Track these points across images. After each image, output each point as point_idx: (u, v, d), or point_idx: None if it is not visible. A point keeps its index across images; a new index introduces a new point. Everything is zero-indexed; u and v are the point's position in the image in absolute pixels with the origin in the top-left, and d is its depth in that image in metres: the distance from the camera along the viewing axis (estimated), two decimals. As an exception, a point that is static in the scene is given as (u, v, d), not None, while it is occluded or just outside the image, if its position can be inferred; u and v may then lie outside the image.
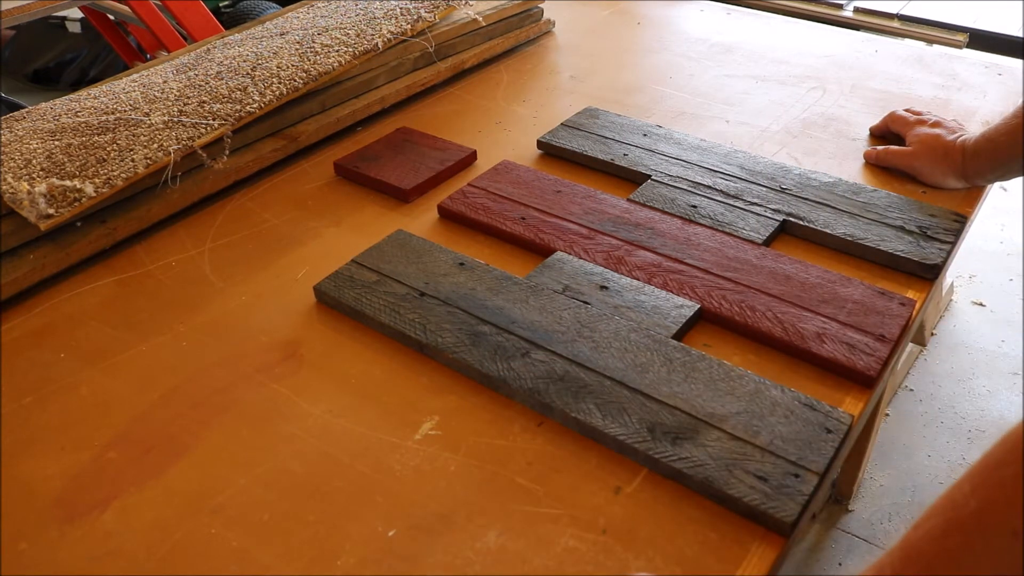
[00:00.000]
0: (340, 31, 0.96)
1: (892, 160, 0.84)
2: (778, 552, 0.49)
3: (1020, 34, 1.45)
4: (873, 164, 0.86)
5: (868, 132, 0.92)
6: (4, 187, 0.71)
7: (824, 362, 0.61)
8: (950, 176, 0.80)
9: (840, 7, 1.62)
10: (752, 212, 0.77)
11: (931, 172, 0.81)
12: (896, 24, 1.58)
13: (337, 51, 0.92)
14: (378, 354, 0.64)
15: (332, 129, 0.93)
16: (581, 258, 0.71)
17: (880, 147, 0.86)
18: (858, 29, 1.55)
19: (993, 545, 0.35)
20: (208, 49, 0.97)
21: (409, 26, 0.99)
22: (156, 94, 0.85)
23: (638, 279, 0.69)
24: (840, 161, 0.87)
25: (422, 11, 1.01)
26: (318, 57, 0.91)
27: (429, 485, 0.53)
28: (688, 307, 0.65)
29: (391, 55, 0.99)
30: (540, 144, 0.90)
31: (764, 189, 0.80)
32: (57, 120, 0.82)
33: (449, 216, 0.79)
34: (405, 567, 0.49)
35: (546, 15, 1.20)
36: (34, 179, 0.72)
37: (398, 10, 1.01)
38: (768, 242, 0.74)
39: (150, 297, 0.71)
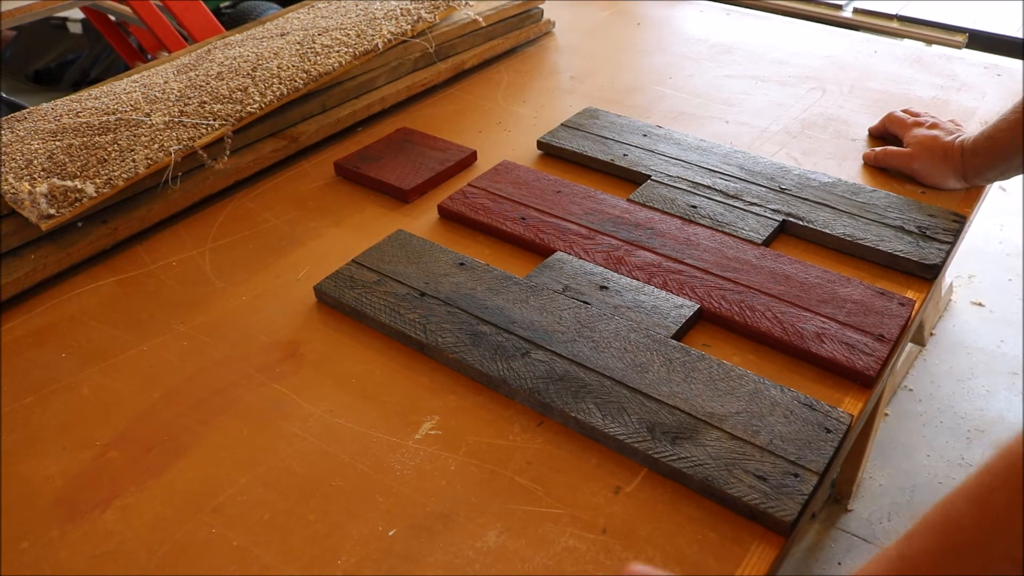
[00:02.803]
0: (340, 32, 0.96)
1: (891, 161, 0.84)
2: (778, 552, 0.49)
3: (1019, 34, 1.45)
4: (872, 166, 0.86)
5: (867, 133, 0.92)
6: (5, 187, 0.71)
7: (823, 362, 0.61)
8: (950, 176, 0.80)
9: (839, 7, 1.62)
10: (752, 212, 0.77)
11: (930, 173, 0.81)
12: (895, 24, 1.58)
13: (337, 52, 0.92)
14: (378, 354, 0.64)
15: (332, 129, 0.93)
16: (581, 258, 0.71)
17: (879, 148, 0.86)
18: (857, 29, 1.55)
19: (992, 571, 0.35)
20: (209, 50, 0.97)
21: (409, 27, 0.99)
22: (157, 94, 0.85)
23: (638, 279, 0.69)
24: (839, 161, 0.88)
25: (422, 12, 1.01)
26: (319, 58, 0.91)
27: (429, 485, 0.53)
28: (688, 307, 0.65)
29: (391, 55, 0.99)
30: (540, 144, 0.90)
31: (763, 189, 0.80)
32: (58, 120, 0.82)
33: (449, 216, 0.79)
34: (405, 567, 0.49)
35: (546, 15, 1.20)
36: (35, 179, 0.72)
37: (398, 11, 1.01)
38: (768, 242, 0.74)
39: (151, 297, 0.71)
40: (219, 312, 0.69)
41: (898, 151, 0.84)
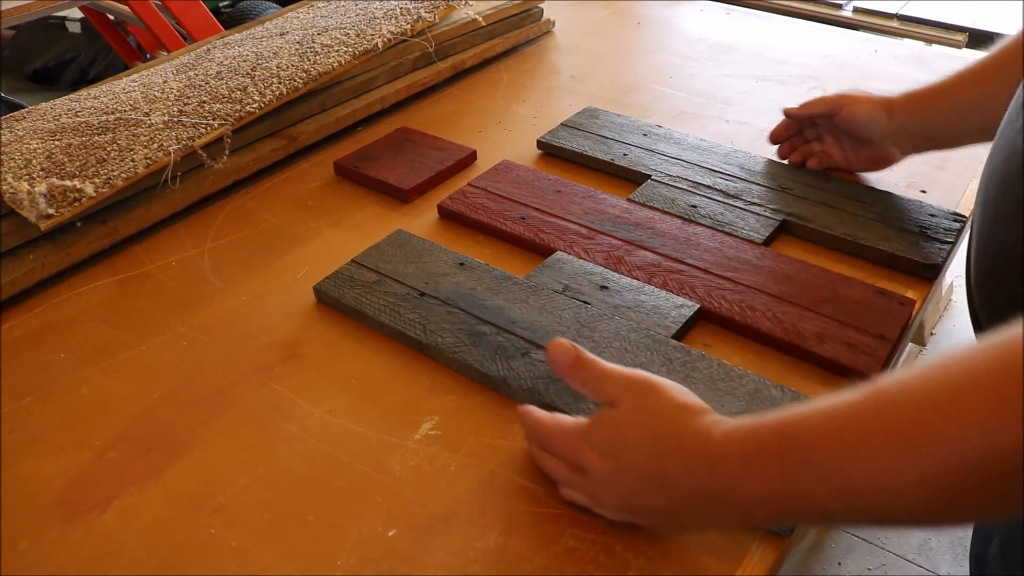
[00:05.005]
0: (340, 31, 0.96)
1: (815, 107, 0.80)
2: (778, 552, 0.49)
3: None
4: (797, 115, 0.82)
5: None
6: (4, 187, 0.71)
7: (824, 362, 0.61)
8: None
9: (840, 7, 1.62)
10: (752, 212, 0.77)
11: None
12: (895, 24, 1.58)
13: (337, 51, 0.92)
14: (378, 354, 0.64)
15: (332, 129, 0.93)
16: (581, 258, 0.71)
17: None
18: (858, 29, 1.55)
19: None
20: (208, 49, 0.97)
21: (409, 26, 0.99)
22: (156, 94, 0.85)
23: (638, 279, 0.69)
24: (840, 161, 0.87)
25: (422, 11, 1.01)
26: (318, 57, 0.91)
27: (429, 485, 0.53)
28: (688, 307, 0.65)
29: (391, 55, 0.99)
30: (540, 144, 0.90)
31: (764, 189, 0.80)
32: (57, 120, 0.82)
33: (449, 216, 0.79)
34: (405, 567, 0.49)
35: (546, 15, 1.20)
36: (34, 179, 0.72)
37: (398, 10, 1.01)
38: (768, 242, 0.74)
39: (150, 297, 0.71)
40: (219, 312, 0.69)
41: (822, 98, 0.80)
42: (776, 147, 0.86)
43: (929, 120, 0.74)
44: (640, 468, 0.45)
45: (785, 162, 0.85)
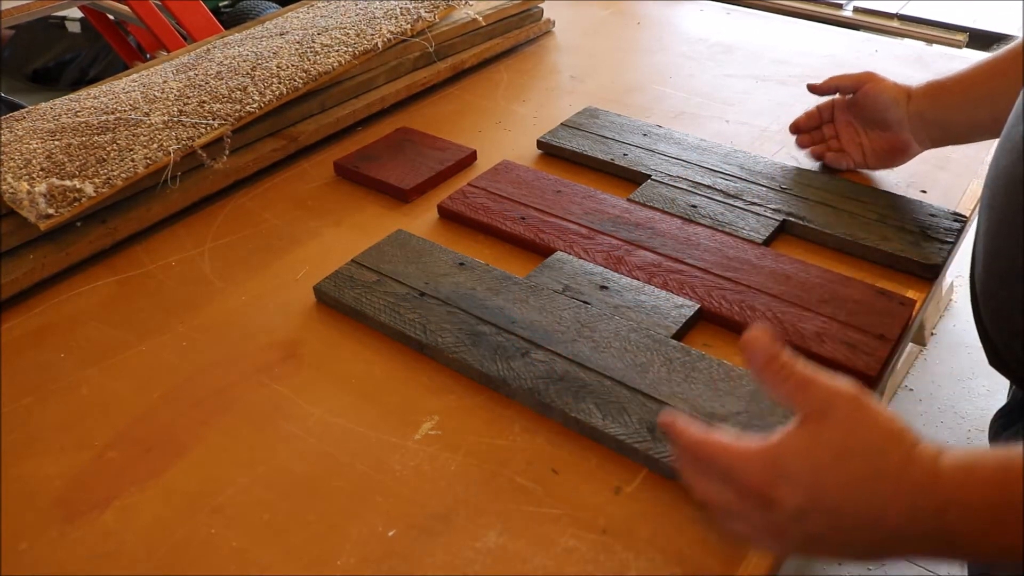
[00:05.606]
0: (340, 31, 0.96)
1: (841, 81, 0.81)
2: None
3: (1019, 34, 1.45)
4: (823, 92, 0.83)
5: None
6: (4, 187, 0.71)
7: (824, 362, 0.61)
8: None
9: (840, 7, 1.62)
10: (752, 212, 0.77)
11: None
12: (896, 24, 1.58)
13: (337, 51, 0.92)
14: (378, 354, 0.64)
15: (332, 129, 0.93)
16: (581, 258, 0.71)
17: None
18: (858, 29, 1.55)
19: None
20: (208, 49, 0.97)
21: (409, 26, 0.99)
22: (156, 94, 0.85)
23: (638, 279, 0.69)
24: (840, 161, 0.87)
25: (422, 11, 1.01)
26: (318, 57, 0.91)
27: (429, 485, 0.53)
28: (688, 307, 0.65)
29: (391, 55, 0.99)
30: (540, 144, 0.90)
31: (764, 189, 0.80)
32: (57, 120, 0.82)
33: (449, 216, 0.79)
34: (405, 567, 0.49)
35: (546, 15, 1.20)
36: (34, 179, 0.72)
37: (398, 10, 1.01)
38: (768, 242, 0.74)
39: (150, 297, 0.71)
40: (219, 312, 0.69)
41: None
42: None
43: (943, 109, 0.74)
44: (844, 507, 0.38)
45: (785, 161, 0.85)
